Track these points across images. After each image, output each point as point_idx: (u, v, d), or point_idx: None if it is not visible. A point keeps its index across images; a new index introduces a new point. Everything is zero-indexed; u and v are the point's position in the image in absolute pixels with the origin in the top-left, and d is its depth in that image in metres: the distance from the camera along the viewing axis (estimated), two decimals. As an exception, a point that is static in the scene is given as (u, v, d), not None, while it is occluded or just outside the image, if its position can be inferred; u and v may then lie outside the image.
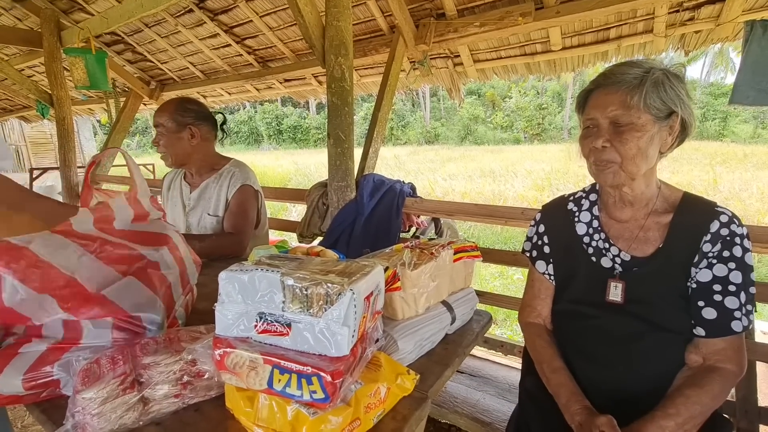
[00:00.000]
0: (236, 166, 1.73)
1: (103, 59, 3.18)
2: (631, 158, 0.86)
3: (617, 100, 0.86)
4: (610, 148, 0.87)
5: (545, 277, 1.09)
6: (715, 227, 0.87)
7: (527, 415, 1.04)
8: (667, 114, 0.86)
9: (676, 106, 0.86)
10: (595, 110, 0.89)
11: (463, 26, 2.34)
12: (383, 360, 0.77)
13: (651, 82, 0.84)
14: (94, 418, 0.65)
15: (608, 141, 0.87)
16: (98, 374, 0.69)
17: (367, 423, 0.67)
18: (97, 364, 0.71)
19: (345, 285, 0.62)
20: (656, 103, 0.85)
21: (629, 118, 0.85)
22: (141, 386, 0.71)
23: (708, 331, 0.86)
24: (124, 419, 0.68)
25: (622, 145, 0.86)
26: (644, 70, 0.85)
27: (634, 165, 0.87)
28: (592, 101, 0.91)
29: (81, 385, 0.67)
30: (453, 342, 1.00)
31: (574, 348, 1.00)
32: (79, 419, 0.65)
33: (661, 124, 0.86)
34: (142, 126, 27.54)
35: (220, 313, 0.68)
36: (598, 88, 0.91)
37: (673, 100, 0.85)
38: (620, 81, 0.86)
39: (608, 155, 0.88)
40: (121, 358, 0.73)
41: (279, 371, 0.62)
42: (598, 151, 0.89)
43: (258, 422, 0.65)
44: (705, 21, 2.01)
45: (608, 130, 0.88)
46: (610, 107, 0.87)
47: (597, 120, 0.89)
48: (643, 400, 0.86)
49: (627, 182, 0.91)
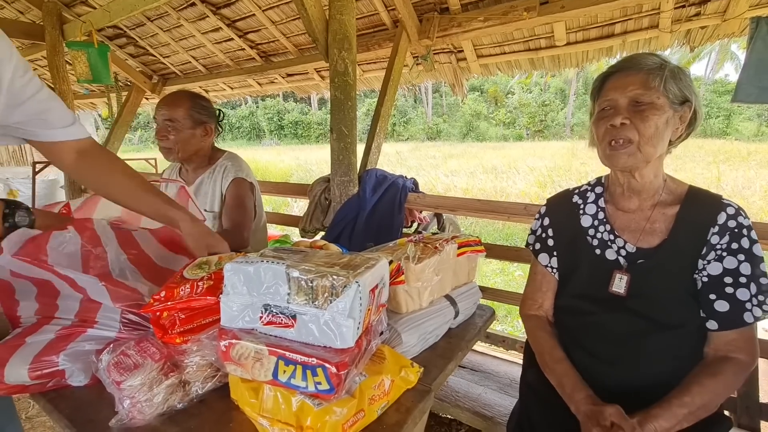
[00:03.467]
0: (229, 159, 1.71)
1: (105, 53, 3.18)
2: (649, 137, 0.87)
3: (638, 81, 0.88)
4: (630, 125, 0.88)
5: (548, 270, 1.09)
6: (723, 219, 0.88)
7: (529, 408, 1.04)
8: (681, 102, 0.89)
9: (691, 95, 0.89)
10: (615, 91, 0.91)
11: (466, 21, 2.32)
12: (387, 353, 0.77)
13: (669, 70, 0.87)
14: (144, 403, 0.69)
15: (627, 118, 0.88)
16: (133, 364, 0.71)
17: (371, 415, 0.68)
18: (124, 356, 0.73)
19: (350, 277, 0.62)
20: (674, 89, 0.87)
21: (650, 97, 0.87)
22: (177, 370, 0.74)
23: (721, 324, 0.87)
24: (170, 401, 0.72)
25: (642, 122, 0.87)
26: (663, 59, 0.89)
27: (651, 145, 0.88)
28: (610, 84, 0.93)
29: (119, 375, 0.69)
30: (456, 336, 1.01)
31: (576, 343, 1.00)
32: (129, 406, 0.68)
33: (675, 110, 0.89)
34: (144, 121, 27.50)
35: (225, 304, 0.69)
36: (617, 72, 0.93)
37: (688, 89, 0.89)
38: (642, 65, 0.89)
39: (627, 132, 0.89)
40: (152, 345, 0.75)
41: (284, 362, 0.62)
42: (615, 129, 0.90)
43: (263, 413, 0.65)
44: (711, 17, 1.99)
45: (627, 109, 0.89)
46: (630, 86, 0.89)
47: (616, 100, 0.91)
48: (644, 397, 0.86)
49: (640, 165, 0.91)
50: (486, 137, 25.18)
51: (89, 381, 0.81)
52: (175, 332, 0.73)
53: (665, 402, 0.81)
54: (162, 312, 0.73)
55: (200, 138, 1.63)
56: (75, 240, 0.91)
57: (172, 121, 1.56)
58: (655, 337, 0.90)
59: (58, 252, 0.87)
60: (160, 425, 0.70)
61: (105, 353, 0.77)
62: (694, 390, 0.82)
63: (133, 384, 0.70)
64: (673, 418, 0.79)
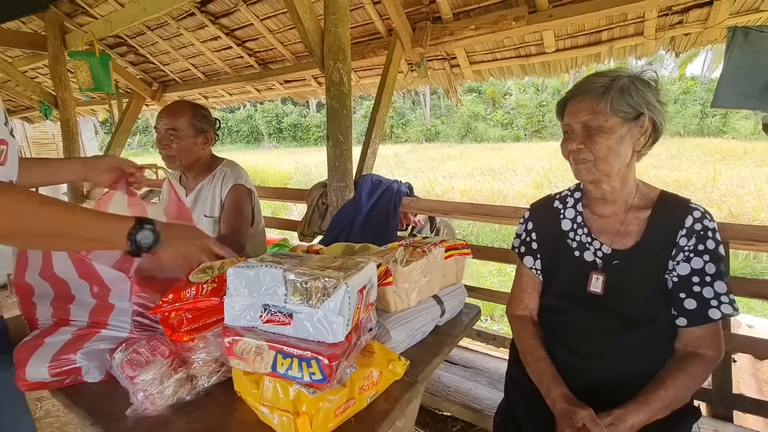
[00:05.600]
0: (228, 166, 1.78)
1: (107, 62, 3.25)
2: (602, 157, 0.95)
3: (586, 107, 0.96)
4: (585, 149, 0.97)
5: (533, 271, 1.16)
6: (690, 222, 0.95)
7: (513, 401, 1.11)
8: (636, 116, 0.94)
9: (643, 108, 0.94)
10: (569, 117, 1.00)
11: (458, 29, 2.40)
12: (376, 348, 0.84)
13: (617, 88, 0.93)
14: (156, 396, 0.76)
15: (582, 143, 0.97)
16: (145, 360, 0.79)
17: (361, 402, 0.75)
18: (136, 353, 0.81)
19: (341, 279, 0.69)
20: (623, 107, 0.93)
21: (598, 122, 0.94)
22: (185, 365, 0.81)
23: (690, 320, 0.94)
24: (179, 394, 0.80)
25: (593, 145, 0.95)
26: (610, 78, 0.94)
27: (606, 163, 0.96)
28: (567, 109, 1.01)
29: (133, 371, 0.77)
30: (443, 333, 1.08)
31: (557, 341, 1.07)
32: (142, 398, 0.76)
33: (630, 125, 0.95)
34: (142, 125, 27.57)
35: (229, 305, 0.76)
36: (572, 98, 1.00)
37: (639, 103, 0.94)
38: (588, 90, 0.96)
39: (583, 155, 0.98)
40: (161, 344, 0.83)
41: (282, 356, 0.70)
42: (574, 152, 0.98)
43: (263, 402, 0.72)
44: (693, 24, 2.06)
45: (581, 134, 0.98)
46: (580, 113, 0.97)
47: (572, 125, 0.99)
48: (618, 389, 0.93)
49: (602, 178, 0.99)
50: (484, 138, 25.24)
51: (103, 377, 0.88)
52: (182, 331, 0.80)
53: (642, 396, 0.88)
54: (170, 312, 0.80)
55: (201, 146, 1.69)
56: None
57: (175, 130, 1.62)
58: (630, 334, 0.97)
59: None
60: (171, 415, 0.77)
61: (118, 351, 0.84)
62: (667, 383, 0.89)
63: (146, 378, 0.77)
64: (650, 411, 0.86)
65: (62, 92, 3.74)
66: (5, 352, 0.92)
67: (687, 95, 23.27)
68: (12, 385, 0.88)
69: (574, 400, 0.91)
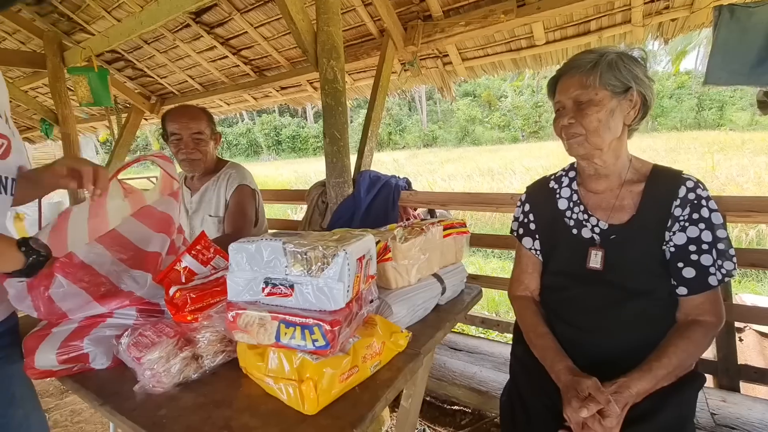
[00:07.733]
0: (233, 168, 1.82)
1: (105, 76, 3.31)
2: (593, 130, 0.97)
3: (576, 83, 0.98)
4: (576, 123, 0.98)
5: (532, 252, 1.17)
6: (683, 192, 0.97)
7: (517, 379, 1.12)
8: (624, 89, 0.96)
9: (631, 82, 0.96)
10: (561, 94, 1.02)
11: (449, 26, 2.44)
12: (378, 321, 0.86)
13: (605, 63, 0.95)
14: (162, 374, 0.78)
15: (573, 117, 0.99)
16: (150, 342, 0.81)
17: (365, 371, 0.76)
18: (142, 336, 0.83)
19: (339, 247, 0.71)
20: (611, 81, 0.95)
21: (588, 95, 0.96)
22: (191, 344, 0.83)
23: (690, 289, 0.95)
24: (186, 372, 0.81)
25: (583, 119, 0.97)
26: (599, 54, 0.97)
27: (597, 136, 0.97)
28: (559, 87, 1.04)
29: (139, 352, 0.79)
30: (445, 310, 1.09)
31: (559, 317, 1.08)
32: (149, 377, 0.78)
33: (619, 98, 0.97)
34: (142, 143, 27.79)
35: (231, 281, 0.78)
36: (562, 75, 1.03)
37: (626, 77, 0.96)
38: (577, 66, 0.98)
39: (574, 129, 0.99)
40: (167, 326, 0.85)
41: (285, 325, 0.71)
42: (566, 127, 1.00)
43: (268, 373, 0.74)
44: (680, 9, 2.10)
45: (572, 109, 1.00)
46: (571, 89, 0.99)
47: (563, 102, 1.02)
48: (621, 362, 0.93)
49: (594, 152, 1.00)
50: (482, 141, 25.37)
51: (111, 364, 0.89)
52: (187, 311, 0.81)
53: (645, 365, 0.88)
54: (176, 293, 0.82)
55: (214, 147, 1.76)
56: (69, 286, 0.89)
57: (200, 134, 1.67)
58: (630, 306, 0.98)
59: (62, 300, 0.89)
60: (178, 393, 0.78)
61: (124, 336, 0.86)
62: (670, 351, 0.90)
63: (152, 358, 0.79)
64: (654, 378, 0.87)
65: (63, 108, 3.80)
66: (16, 346, 0.94)
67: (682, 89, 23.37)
68: (24, 377, 0.89)
69: (578, 371, 0.92)
